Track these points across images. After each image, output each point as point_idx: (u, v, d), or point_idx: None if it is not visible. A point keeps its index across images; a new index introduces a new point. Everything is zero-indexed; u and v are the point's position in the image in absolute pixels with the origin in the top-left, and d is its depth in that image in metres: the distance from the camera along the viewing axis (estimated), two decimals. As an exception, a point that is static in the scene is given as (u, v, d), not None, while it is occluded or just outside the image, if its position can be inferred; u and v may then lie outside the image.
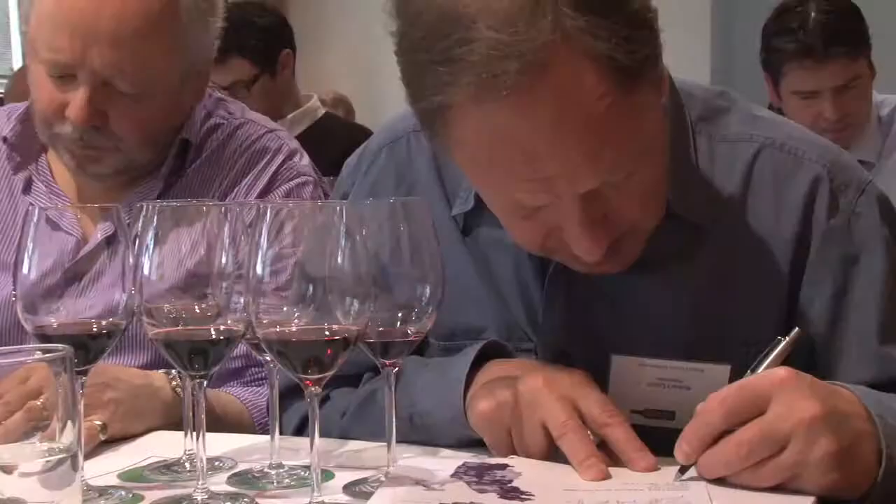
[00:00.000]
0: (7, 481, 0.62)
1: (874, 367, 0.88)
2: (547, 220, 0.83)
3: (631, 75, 0.77)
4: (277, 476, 0.82)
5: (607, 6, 0.76)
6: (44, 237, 0.79)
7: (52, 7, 1.12)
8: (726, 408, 0.74)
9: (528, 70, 0.74)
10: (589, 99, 0.76)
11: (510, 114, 0.76)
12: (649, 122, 0.83)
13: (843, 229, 0.90)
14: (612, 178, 0.80)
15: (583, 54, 0.75)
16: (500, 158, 0.80)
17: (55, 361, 0.64)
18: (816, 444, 0.71)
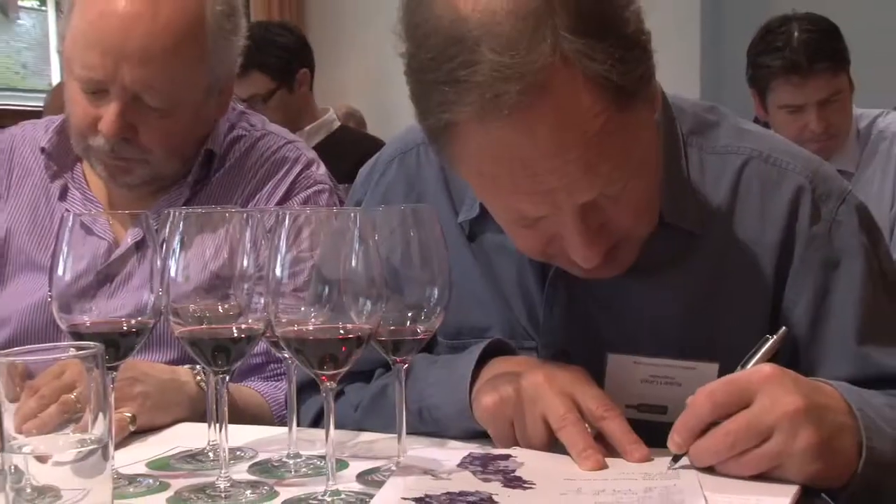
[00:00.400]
0: (42, 470, 0.63)
1: (853, 366, 0.87)
2: (547, 229, 0.83)
3: (625, 94, 0.77)
4: (295, 465, 0.83)
5: (603, 30, 0.76)
6: (78, 241, 0.79)
7: (86, 27, 1.12)
8: (714, 401, 0.74)
9: (528, 90, 0.74)
10: (586, 117, 0.76)
11: (512, 131, 0.76)
12: (643, 136, 0.83)
13: (824, 236, 0.90)
14: (608, 190, 0.80)
15: (580, 75, 0.75)
16: (503, 173, 0.80)
17: (88, 358, 0.65)
18: (799, 435, 0.72)
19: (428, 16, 0.78)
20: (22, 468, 0.63)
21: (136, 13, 1.10)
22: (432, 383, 0.90)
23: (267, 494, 0.76)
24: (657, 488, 0.71)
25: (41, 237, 1.23)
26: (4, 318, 1.22)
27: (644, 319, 0.91)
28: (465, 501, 0.70)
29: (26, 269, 1.23)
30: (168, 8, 1.12)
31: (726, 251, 0.90)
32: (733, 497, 0.71)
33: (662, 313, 0.91)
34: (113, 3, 1.11)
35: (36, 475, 0.63)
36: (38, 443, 0.63)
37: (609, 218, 0.82)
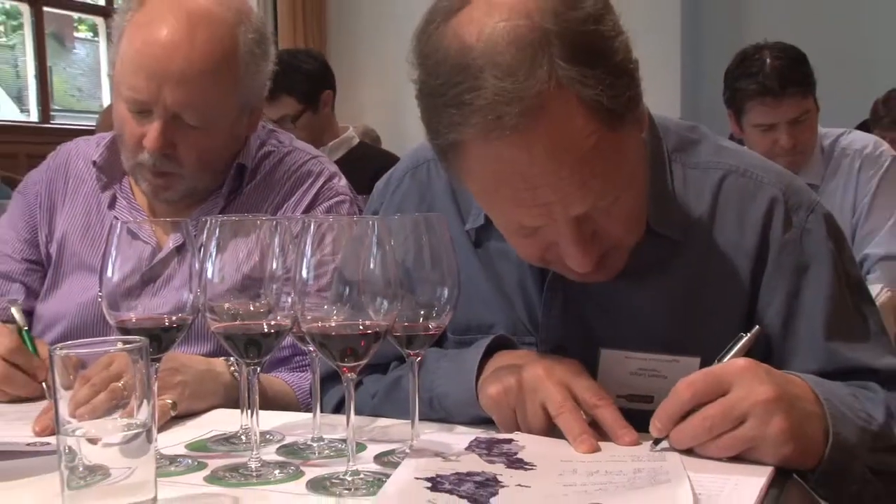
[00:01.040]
0: (93, 451, 0.63)
1: (822, 360, 0.87)
2: (545, 238, 0.83)
3: (615, 116, 0.77)
4: (319, 448, 0.83)
5: (594, 58, 0.76)
6: (125, 246, 0.79)
7: (133, 54, 1.13)
8: (694, 390, 0.74)
9: (527, 113, 0.74)
10: (579, 137, 0.76)
11: (512, 149, 0.76)
12: (631, 154, 0.82)
13: (795, 243, 0.89)
14: (600, 203, 0.80)
15: (574, 99, 0.75)
16: (504, 187, 0.79)
17: (133, 350, 0.65)
18: (772, 421, 0.72)
19: (437, 46, 0.79)
20: (75, 449, 0.63)
21: (176, 42, 1.11)
22: (442, 375, 0.90)
23: (293, 474, 0.76)
24: (645, 469, 0.71)
25: (92, 241, 1.23)
26: (60, 315, 1.22)
27: (633, 318, 0.91)
28: (472, 481, 0.70)
29: (79, 270, 1.23)
30: (204, 37, 1.12)
31: (707, 257, 0.90)
32: (715, 476, 0.70)
33: (649, 313, 0.90)
34: (156, 33, 1.11)
35: (87, 455, 0.63)
36: (90, 426, 0.64)
37: (601, 228, 0.82)
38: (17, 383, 1.02)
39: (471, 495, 0.66)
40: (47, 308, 1.24)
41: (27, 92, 5.02)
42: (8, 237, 1.28)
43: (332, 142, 2.57)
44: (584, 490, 0.67)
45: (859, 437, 0.76)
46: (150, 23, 1.12)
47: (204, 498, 0.72)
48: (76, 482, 0.63)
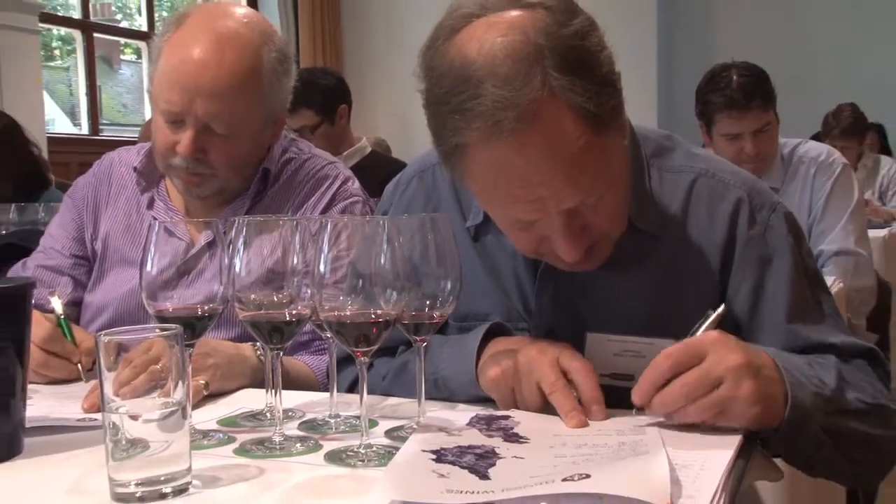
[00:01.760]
0: (134, 426, 0.63)
1: (784, 340, 0.86)
2: (539, 232, 0.82)
3: (601, 121, 0.77)
4: (335, 424, 0.82)
5: (582, 70, 0.76)
6: (162, 242, 0.78)
7: (169, 71, 1.12)
8: (672, 360, 0.74)
9: (523, 118, 0.73)
10: (569, 139, 0.75)
11: (509, 151, 0.75)
12: (615, 156, 0.82)
13: (759, 238, 0.89)
14: (588, 199, 0.79)
15: (564, 105, 0.75)
16: (502, 184, 0.79)
17: (170, 336, 0.64)
18: (742, 384, 0.71)
19: (442, 60, 0.78)
20: (118, 424, 0.63)
21: (207, 60, 1.10)
22: (445, 358, 0.89)
23: (313, 447, 0.75)
24: (628, 443, 0.70)
25: (133, 239, 1.22)
26: (105, 305, 1.21)
27: (616, 305, 0.90)
28: (473, 453, 0.69)
29: (121, 264, 1.23)
30: (232, 56, 1.11)
31: (681, 250, 0.89)
32: (689, 450, 0.69)
33: (630, 300, 0.90)
34: (189, 53, 1.11)
35: (129, 430, 0.63)
36: (131, 404, 0.63)
37: (589, 222, 0.81)
38: (53, 368, 1.02)
39: (471, 466, 0.66)
40: (94, 298, 1.23)
41: (79, 108, 5.04)
42: (59, 235, 1.28)
43: (347, 150, 2.56)
44: (573, 461, 0.66)
45: (813, 400, 0.76)
46: (185, 43, 1.12)
47: (233, 469, 0.71)
48: (119, 454, 0.63)
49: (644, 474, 0.61)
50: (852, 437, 0.79)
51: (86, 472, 0.70)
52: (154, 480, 0.63)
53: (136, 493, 0.63)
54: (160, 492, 0.63)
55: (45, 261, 1.26)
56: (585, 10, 0.80)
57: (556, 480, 0.60)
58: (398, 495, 0.59)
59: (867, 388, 0.82)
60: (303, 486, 0.67)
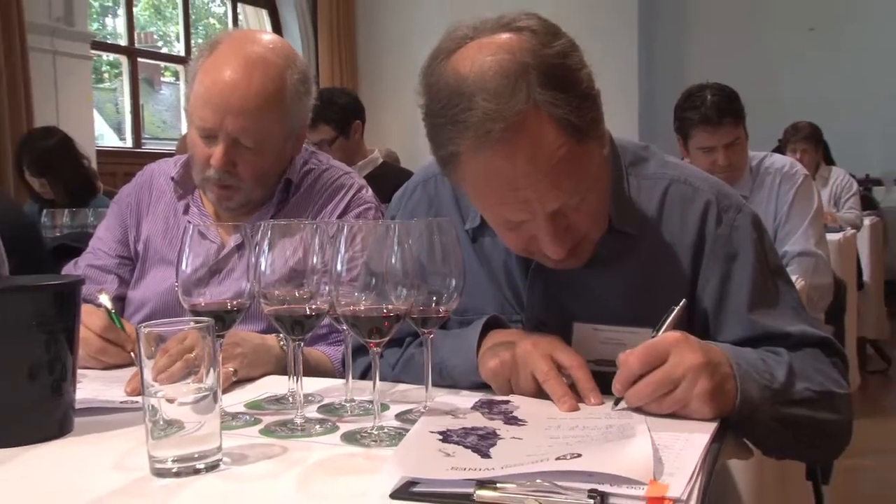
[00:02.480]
0: (170, 408, 0.62)
1: (746, 329, 0.86)
2: (527, 232, 0.81)
3: (581, 131, 0.76)
4: (351, 407, 0.81)
5: (564, 85, 0.75)
6: (196, 244, 0.78)
7: (203, 91, 1.11)
8: (640, 361, 0.73)
9: (509, 128, 0.73)
10: (552, 148, 0.75)
11: (498, 158, 0.75)
12: (594, 163, 0.81)
13: (726, 236, 0.88)
14: (569, 201, 0.79)
15: (547, 117, 0.74)
16: (492, 189, 0.78)
17: (203, 328, 0.64)
18: (699, 383, 0.71)
19: (439, 78, 0.78)
20: (157, 407, 0.62)
21: (236, 82, 1.09)
22: (448, 349, 0.88)
23: (330, 428, 0.75)
24: (615, 425, 0.69)
25: (171, 241, 1.22)
26: (145, 300, 1.21)
27: (599, 298, 0.89)
28: (476, 434, 0.68)
29: (160, 264, 1.22)
30: (258, 78, 1.10)
31: (657, 248, 0.88)
32: (671, 432, 0.68)
33: (612, 294, 0.89)
34: (221, 75, 1.10)
35: (166, 412, 0.62)
36: (168, 389, 0.63)
37: (571, 223, 0.81)
38: (110, 354, 1.01)
39: (474, 446, 0.65)
40: (136, 294, 1.23)
41: (124, 124, 5.04)
42: (105, 238, 1.27)
43: (361, 161, 2.55)
44: (566, 442, 0.65)
45: (761, 394, 0.75)
46: (217, 67, 1.11)
47: (259, 447, 0.70)
48: (158, 433, 0.62)
49: (630, 454, 0.60)
50: (803, 424, 0.78)
51: (128, 450, 0.69)
52: (188, 457, 0.63)
53: (172, 468, 0.63)
54: (194, 468, 0.63)
55: (94, 260, 1.26)
56: (571, 36, 0.80)
57: (550, 459, 0.59)
58: (408, 472, 0.59)
59: (816, 377, 0.81)
60: (322, 463, 0.66)
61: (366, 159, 2.59)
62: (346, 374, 0.83)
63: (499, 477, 0.57)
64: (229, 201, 1.16)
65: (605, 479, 0.56)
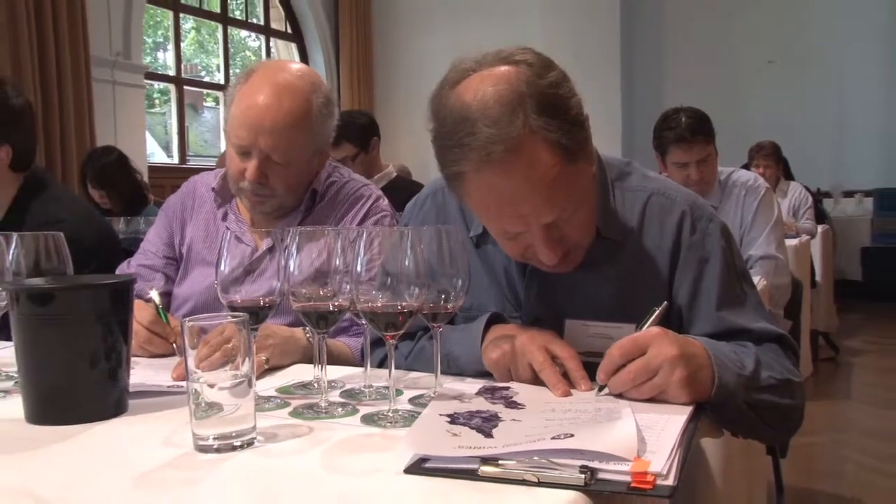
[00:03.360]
0: (210, 392, 0.62)
1: (714, 325, 0.85)
2: (524, 241, 0.81)
3: (572, 153, 0.76)
4: (369, 392, 0.80)
5: (556, 112, 0.75)
6: (233, 247, 0.77)
7: (239, 114, 1.11)
8: (622, 351, 0.72)
9: (508, 150, 0.73)
10: (546, 167, 0.75)
11: (498, 177, 0.75)
12: (584, 181, 0.80)
13: (699, 242, 0.87)
14: (562, 215, 0.78)
15: (542, 141, 0.74)
16: (493, 204, 0.78)
17: (239, 322, 0.63)
18: (675, 372, 0.70)
19: (446, 105, 0.78)
20: (199, 391, 0.62)
21: (268, 105, 1.09)
22: (455, 342, 0.87)
23: (351, 411, 0.74)
24: (604, 409, 0.68)
25: (210, 244, 1.21)
26: (188, 296, 1.20)
27: (588, 298, 0.88)
28: (480, 417, 0.67)
29: (201, 264, 1.21)
30: (287, 102, 1.10)
31: (638, 253, 0.88)
32: (653, 415, 0.67)
33: (599, 293, 0.88)
34: (255, 99, 1.10)
35: (207, 396, 0.62)
36: (209, 376, 0.62)
37: (564, 234, 0.80)
38: (155, 345, 1.01)
39: (479, 427, 0.64)
40: (180, 291, 1.22)
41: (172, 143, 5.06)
42: (154, 241, 1.27)
43: (377, 175, 2.55)
44: (560, 423, 0.64)
45: (736, 381, 0.74)
46: (252, 92, 1.11)
47: (288, 427, 0.70)
48: (200, 413, 0.62)
49: (616, 434, 0.59)
50: (767, 407, 0.78)
51: (175, 428, 0.68)
52: (227, 436, 0.62)
53: (213, 445, 0.62)
54: (232, 444, 0.62)
55: (144, 261, 1.25)
56: (561, 66, 0.80)
57: (546, 438, 0.58)
58: (420, 450, 0.58)
59: (777, 367, 0.80)
60: (344, 442, 0.66)
61: (381, 173, 2.58)
62: (365, 363, 0.82)
63: (500, 454, 0.56)
64: (263, 206, 1.16)
65: (594, 456, 0.55)
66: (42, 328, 0.72)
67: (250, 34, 5.79)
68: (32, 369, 0.72)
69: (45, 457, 0.63)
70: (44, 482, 0.57)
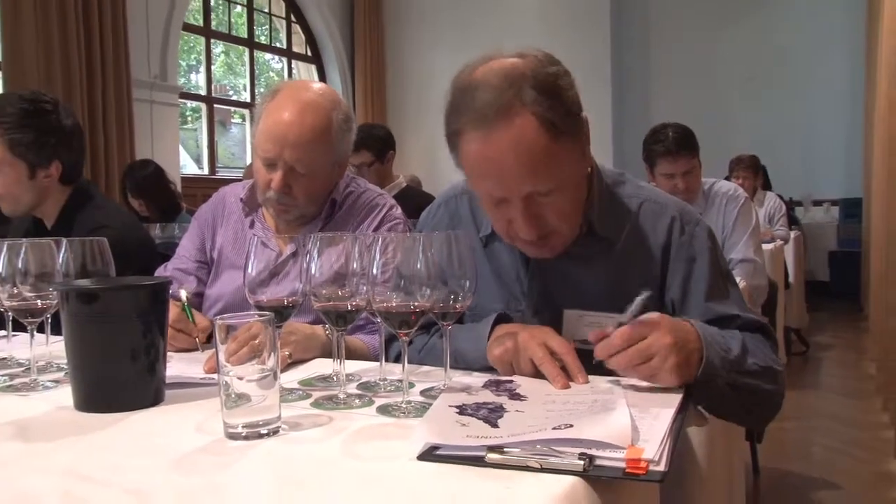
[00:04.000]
0: (240, 384, 0.62)
1: (703, 314, 0.85)
2: (507, 212, 0.81)
3: (559, 132, 0.76)
4: (384, 385, 0.80)
5: (550, 94, 0.76)
6: (259, 252, 0.77)
7: (265, 129, 1.11)
8: (623, 337, 0.73)
9: (499, 114, 0.75)
10: (531, 139, 0.75)
11: (487, 139, 0.76)
12: (568, 166, 0.80)
13: (687, 243, 0.88)
14: (539, 188, 0.78)
15: (530, 114, 0.75)
16: (480, 164, 0.79)
17: (265, 320, 0.63)
18: (668, 359, 0.70)
19: (459, 79, 0.82)
20: (229, 383, 0.61)
21: (292, 121, 1.09)
22: (463, 339, 0.87)
23: (368, 402, 0.73)
24: (600, 400, 0.67)
25: (239, 249, 1.21)
26: (219, 297, 1.20)
27: (585, 290, 0.88)
28: (486, 408, 0.66)
29: (231, 268, 1.21)
30: (310, 118, 1.10)
31: (631, 251, 0.88)
32: (647, 406, 0.66)
33: (595, 287, 0.88)
34: (280, 116, 1.10)
35: (236, 387, 0.61)
36: (238, 369, 0.62)
37: (542, 213, 0.81)
38: (179, 340, 1.00)
39: (485, 417, 0.63)
40: (212, 292, 1.22)
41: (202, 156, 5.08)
42: (187, 246, 1.27)
43: (388, 186, 2.55)
44: (560, 414, 0.63)
45: (721, 361, 0.74)
46: (277, 109, 1.11)
47: (310, 417, 0.69)
48: (230, 404, 0.62)
49: (612, 424, 0.59)
50: (748, 391, 0.77)
51: (207, 417, 0.68)
52: (254, 424, 0.62)
53: (242, 432, 0.62)
54: (259, 432, 0.62)
55: (178, 264, 1.26)
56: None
57: (547, 429, 0.58)
58: (431, 439, 0.57)
59: (761, 354, 0.80)
60: (361, 431, 0.65)
61: (393, 184, 2.59)
62: (381, 358, 0.82)
63: (506, 443, 0.55)
64: (286, 214, 1.16)
65: (592, 444, 0.54)
66: (88, 325, 0.72)
67: (274, 57, 5.81)
68: (80, 362, 0.73)
69: (91, 441, 0.64)
70: (91, 464, 0.58)
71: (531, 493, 0.50)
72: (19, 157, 1.35)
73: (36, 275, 0.82)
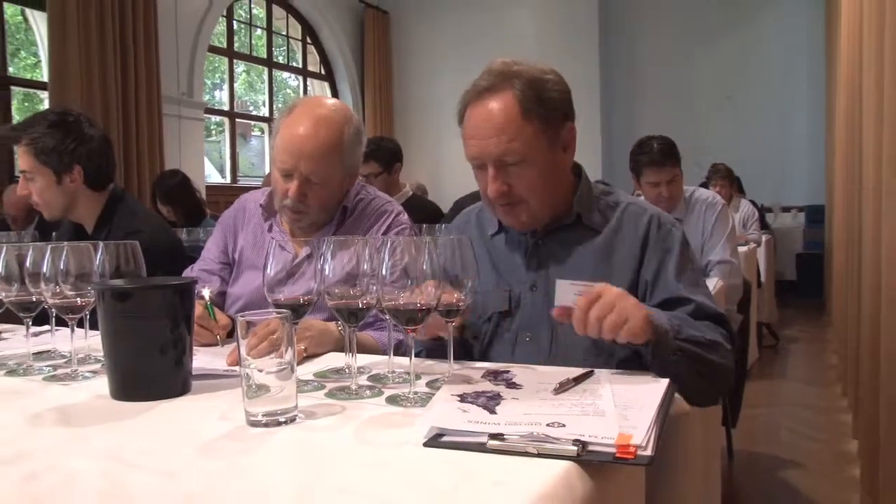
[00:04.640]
0: (259, 376, 0.61)
1: (670, 292, 0.88)
2: (486, 178, 0.88)
3: (530, 113, 0.85)
4: (392, 377, 0.79)
5: (536, 88, 0.87)
6: (277, 254, 0.77)
7: (282, 141, 1.11)
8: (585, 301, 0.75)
9: (489, 90, 0.87)
10: (506, 109, 0.86)
11: (476, 106, 0.88)
12: (535, 145, 0.86)
13: (664, 237, 0.92)
14: (509, 157, 0.86)
15: (513, 95, 0.86)
16: (470, 131, 0.88)
17: (283, 317, 0.63)
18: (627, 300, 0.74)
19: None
20: (250, 375, 0.61)
21: (307, 135, 1.09)
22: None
23: (377, 393, 0.73)
24: (591, 406, 0.66)
25: (258, 251, 1.21)
26: (240, 295, 1.20)
27: (574, 269, 0.92)
28: (485, 396, 0.66)
29: (251, 269, 1.21)
30: (324, 132, 1.10)
31: (614, 242, 0.93)
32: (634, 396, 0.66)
33: (583, 264, 0.92)
34: (296, 130, 1.10)
35: (257, 379, 0.61)
36: (258, 362, 0.62)
37: (511, 183, 0.88)
38: (201, 336, 1.00)
39: (484, 404, 0.63)
40: (233, 291, 1.22)
41: (225, 166, 5.09)
42: (211, 249, 1.27)
43: (397, 194, 2.55)
44: (556, 412, 0.62)
45: (669, 324, 0.77)
46: (294, 124, 1.11)
47: (324, 406, 0.69)
48: (251, 394, 0.62)
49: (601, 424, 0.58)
50: (698, 358, 0.78)
51: (230, 406, 0.68)
52: (273, 413, 0.62)
53: (262, 420, 0.62)
54: (278, 420, 0.62)
55: (203, 266, 1.25)
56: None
57: (542, 425, 0.57)
58: (436, 424, 0.57)
59: (706, 332, 0.81)
60: (372, 419, 0.65)
61: (400, 192, 2.58)
62: (389, 353, 0.82)
63: (506, 431, 0.55)
64: (299, 222, 1.16)
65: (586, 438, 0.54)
66: (122, 321, 0.72)
67: (291, 75, 5.83)
68: (115, 355, 0.73)
69: (126, 427, 0.64)
70: (126, 447, 0.58)
71: (529, 476, 0.49)
72: (45, 164, 1.38)
73: (76, 275, 0.82)
